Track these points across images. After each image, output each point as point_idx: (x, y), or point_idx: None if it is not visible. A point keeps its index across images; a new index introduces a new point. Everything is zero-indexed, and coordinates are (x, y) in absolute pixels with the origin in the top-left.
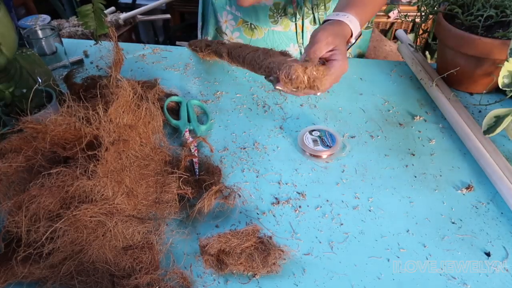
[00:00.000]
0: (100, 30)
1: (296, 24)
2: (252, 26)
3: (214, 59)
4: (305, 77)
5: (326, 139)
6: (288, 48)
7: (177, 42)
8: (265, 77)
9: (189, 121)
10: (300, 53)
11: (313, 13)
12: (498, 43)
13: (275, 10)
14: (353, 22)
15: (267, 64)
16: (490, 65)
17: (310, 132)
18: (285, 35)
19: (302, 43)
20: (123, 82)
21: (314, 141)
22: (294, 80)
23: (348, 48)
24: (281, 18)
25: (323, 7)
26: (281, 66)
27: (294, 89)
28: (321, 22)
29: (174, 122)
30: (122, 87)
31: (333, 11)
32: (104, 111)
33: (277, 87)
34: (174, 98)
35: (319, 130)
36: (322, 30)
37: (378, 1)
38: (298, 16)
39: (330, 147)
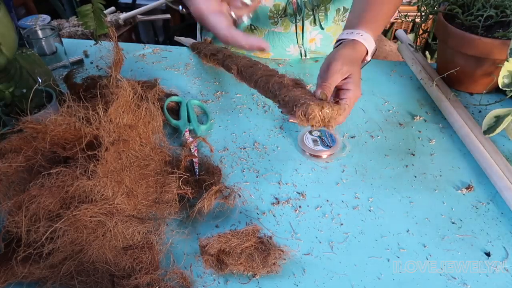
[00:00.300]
0: (100, 30)
1: (296, 25)
2: (252, 27)
3: (218, 67)
4: (321, 116)
5: (326, 139)
6: (288, 49)
7: (176, 38)
8: (277, 106)
9: (189, 121)
10: (301, 53)
11: (313, 14)
12: (498, 43)
13: (275, 11)
14: (367, 40)
15: (283, 97)
16: (490, 65)
17: (310, 132)
18: (285, 36)
19: (302, 44)
20: (123, 82)
21: (314, 141)
22: (310, 119)
23: (363, 67)
24: (281, 19)
25: (323, 8)
26: (297, 102)
27: (305, 125)
28: (321, 24)
29: (174, 122)
30: (122, 87)
31: (345, 25)
32: (104, 111)
33: (290, 120)
34: (174, 98)
35: (319, 130)
36: (337, 59)
37: (389, 12)
38: (298, 17)
39: (330, 147)
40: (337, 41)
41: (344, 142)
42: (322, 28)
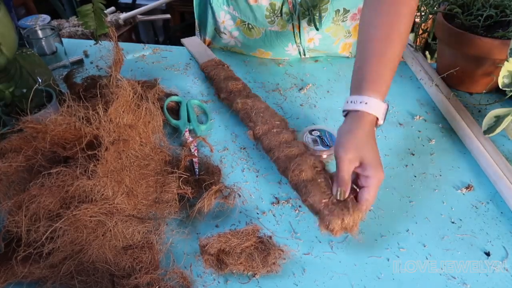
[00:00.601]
0: (100, 30)
1: (293, 24)
2: (250, 26)
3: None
4: (343, 226)
5: (326, 139)
6: (286, 48)
7: (182, 40)
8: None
9: (189, 121)
10: (299, 52)
11: (309, 14)
12: (498, 43)
13: (271, 10)
14: (374, 107)
15: (306, 197)
16: (490, 65)
17: (310, 132)
18: (282, 35)
19: (300, 43)
20: (123, 82)
21: (314, 141)
22: (330, 227)
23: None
24: (277, 18)
25: (318, 8)
26: (319, 212)
27: (327, 232)
28: (317, 26)
29: (174, 122)
30: (122, 87)
31: (350, 86)
32: (104, 111)
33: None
34: (174, 98)
35: (319, 130)
36: (341, 146)
37: (396, 57)
38: (294, 16)
39: (329, 146)
40: (343, 111)
41: None
42: (317, 29)
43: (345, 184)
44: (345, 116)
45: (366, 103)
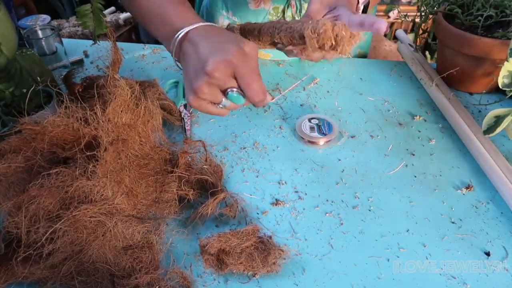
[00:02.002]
0: (99, 30)
1: None
2: None
3: None
4: (334, 34)
5: (323, 127)
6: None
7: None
8: (277, 47)
9: (184, 96)
10: (299, 60)
11: None
12: (498, 43)
13: (274, 14)
14: None
15: (289, 26)
16: (490, 65)
17: (310, 119)
18: None
19: None
20: (120, 82)
21: (311, 128)
22: (321, 35)
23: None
24: None
25: None
26: (306, 25)
27: (316, 47)
28: None
29: (171, 99)
30: (120, 87)
31: None
32: (102, 111)
33: (290, 48)
34: (172, 80)
35: (318, 118)
36: None
37: None
38: (297, 19)
39: (325, 134)
40: None
41: (341, 132)
42: None
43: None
44: None
45: None
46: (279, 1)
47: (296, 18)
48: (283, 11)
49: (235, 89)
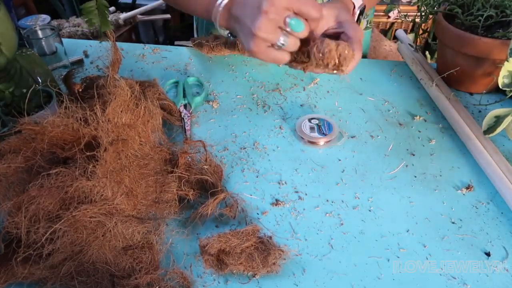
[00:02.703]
0: (104, 26)
1: None
2: None
3: (220, 54)
4: (337, 53)
5: (323, 127)
6: None
7: (176, 42)
8: (288, 61)
9: (184, 96)
10: None
11: None
12: (498, 43)
13: None
14: None
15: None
16: (490, 65)
17: (310, 119)
18: None
19: None
20: (120, 82)
21: (312, 128)
22: (326, 55)
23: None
24: None
25: None
26: (313, 39)
27: (320, 65)
28: None
29: (171, 98)
30: (119, 87)
31: None
32: (102, 111)
33: (294, 65)
34: (172, 80)
35: (318, 119)
36: (330, 6)
37: None
38: None
39: (326, 135)
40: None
41: (341, 132)
42: None
43: (318, 29)
44: None
45: None
46: None
47: None
48: None
49: (292, 16)
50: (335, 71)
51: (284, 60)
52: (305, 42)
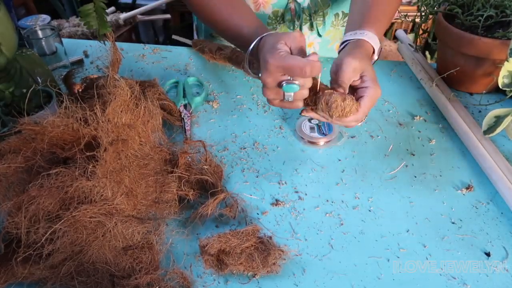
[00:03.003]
0: (103, 29)
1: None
2: None
3: (222, 63)
4: (342, 107)
5: (323, 127)
6: None
7: (174, 36)
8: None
9: (184, 96)
10: None
11: (310, 20)
12: (498, 43)
13: (273, 18)
14: (372, 39)
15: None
16: (490, 65)
17: (310, 120)
18: None
19: None
20: (120, 82)
21: (312, 128)
22: (331, 107)
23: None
24: (279, 26)
25: (321, 14)
26: (320, 90)
27: (325, 113)
28: (320, 33)
29: (171, 98)
30: (119, 87)
31: (346, 27)
32: (102, 111)
33: (303, 113)
34: (172, 80)
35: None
36: (348, 56)
37: (391, 12)
38: (296, 22)
39: (325, 135)
40: (342, 43)
41: (341, 132)
42: (319, 36)
43: (345, 87)
44: (343, 47)
45: (365, 34)
46: (279, 5)
47: (296, 22)
48: (283, 15)
49: (284, 82)
50: (338, 122)
51: (294, 107)
52: (314, 89)
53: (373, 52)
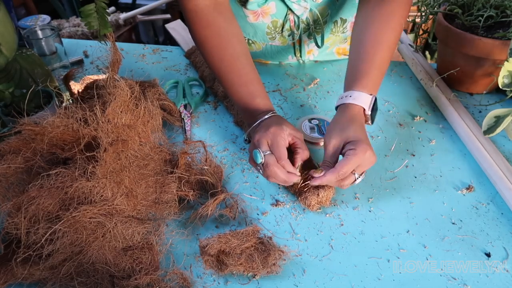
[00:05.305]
0: (104, 29)
1: (293, 39)
2: (250, 41)
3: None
4: (319, 201)
5: (323, 128)
6: (286, 60)
7: (166, 25)
8: None
9: (184, 96)
10: (299, 63)
11: (309, 29)
12: (498, 43)
13: (272, 28)
14: (359, 98)
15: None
16: (490, 65)
17: (310, 120)
18: (283, 49)
19: (301, 56)
20: (120, 82)
21: (311, 128)
22: (311, 206)
23: (372, 122)
24: (278, 35)
25: (320, 23)
26: (300, 192)
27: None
28: (317, 40)
29: (171, 99)
30: (119, 87)
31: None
32: (102, 111)
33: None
34: (172, 80)
35: (318, 119)
36: (327, 135)
37: (384, 60)
38: (295, 32)
39: (324, 135)
40: (336, 106)
41: None
42: (319, 47)
43: (332, 162)
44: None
45: (351, 96)
46: (278, 15)
47: (295, 32)
48: (282, 25)
49: (257, 150)
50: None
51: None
52: (308, 164)
53: (365, 111)
